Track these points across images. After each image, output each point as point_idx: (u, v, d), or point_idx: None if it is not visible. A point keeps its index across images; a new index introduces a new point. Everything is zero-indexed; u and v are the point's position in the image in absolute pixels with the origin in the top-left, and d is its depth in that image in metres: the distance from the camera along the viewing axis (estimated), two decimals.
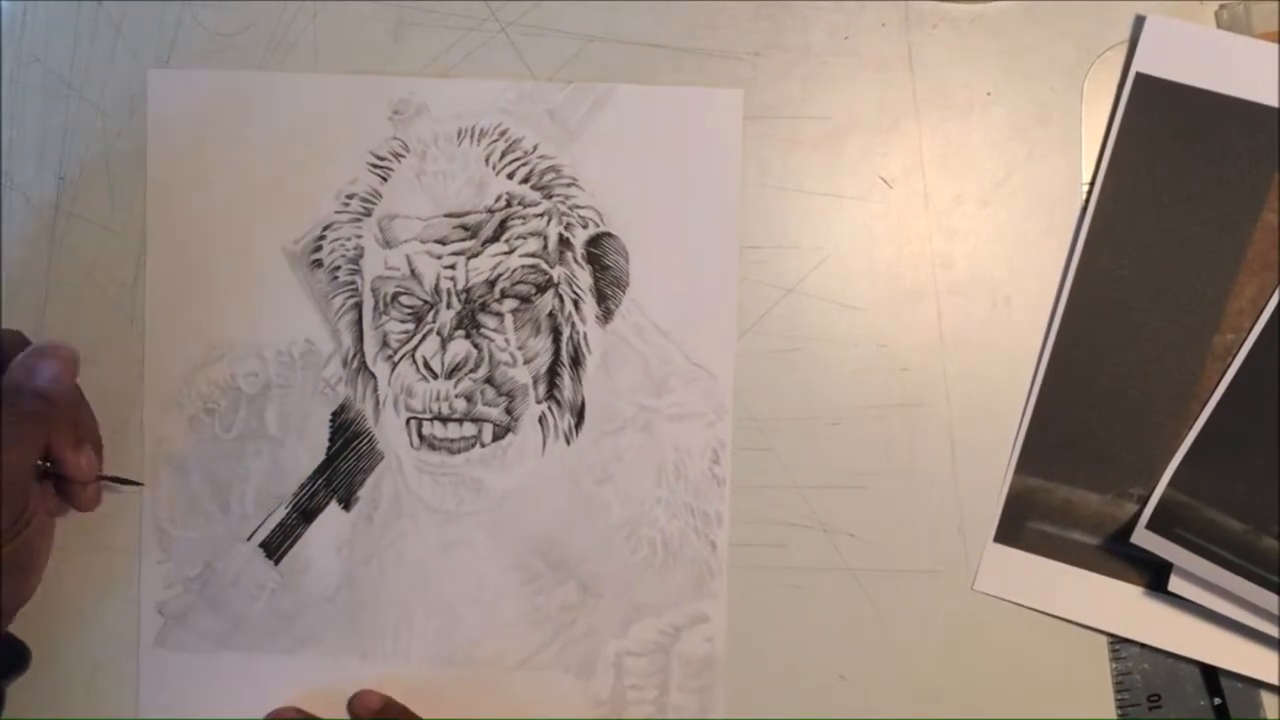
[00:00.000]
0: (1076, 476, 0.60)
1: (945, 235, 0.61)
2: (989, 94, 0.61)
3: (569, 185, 0.61)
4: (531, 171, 0.61)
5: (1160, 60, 0.59)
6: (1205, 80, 0.58)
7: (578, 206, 0.61)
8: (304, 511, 0.61)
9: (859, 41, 0.61)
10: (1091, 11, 0.60)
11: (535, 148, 0.61)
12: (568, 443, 0.61)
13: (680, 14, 0.61)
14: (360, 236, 0.61)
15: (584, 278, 0.61)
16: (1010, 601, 0.60)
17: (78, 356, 0.57)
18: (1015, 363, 0.60)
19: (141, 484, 0.61)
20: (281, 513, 0.61)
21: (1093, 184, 0.59)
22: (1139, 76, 0.59)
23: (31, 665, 0.59)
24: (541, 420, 0.61)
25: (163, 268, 0.62)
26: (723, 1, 0.61)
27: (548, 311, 0.61)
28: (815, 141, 0.61)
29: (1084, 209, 0.60)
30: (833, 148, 0.61)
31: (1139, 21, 0.60)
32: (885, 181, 0.61)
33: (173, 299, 0.62)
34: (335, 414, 0.61)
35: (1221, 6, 0.60)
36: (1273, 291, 0.58)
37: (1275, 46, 0.58)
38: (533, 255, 0.61)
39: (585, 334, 0.61)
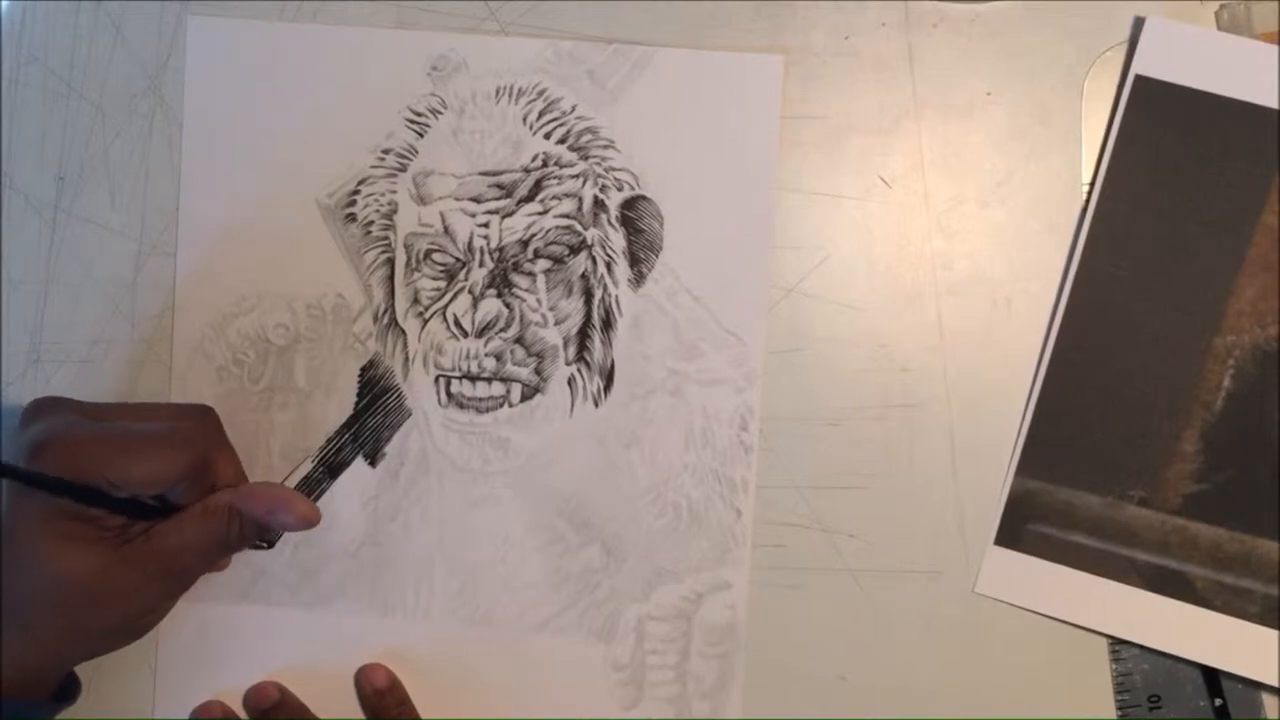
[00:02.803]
0: (1077, 479, 0.59)
1: (945, 235, 0.61)
2: (989, 94, 0.61)
3: (606, 147, 0.61)
4: (569, 132, 0.61)
5: (1159, 62, 0.59)
6: (1205, 82, 0.58)
7: (614, 169, 0.61)
8: (330, 466, 0.61)
9: (859, 41, 0.61)
10: (1091, 11, 0.60)
11: (574, 108, 0.61)
12: (596, 405, 0.61)
13: (680, 14, 0.61)
14: (395, 192, 0.61)
15: (618, 240, 0.61)
16: (1011, 605, 0.60)
17: (317, 519, 0.57)
18: (1015, 363, 0.60)
19: (270, 547, 0.61)
20: (307, 466, 0.61)
21: (1093, 184, 0.59)
22: (1138, 79, 0.59)
23: None
24: (570, 382, 0.61)
25: (196, 217, 0.62)
26: (723, 1, 0.61)
27: (580, 273, 0.61)
28: (815, 141, 0.61)
29: (1084, 209, 0.60)
30: (833, 148, 0.61)
31: (1138, 23, 0.60)
32: (885, 181, 0.61)
33: (205, 249, 0.62)
34: (364, 369, 0.61)
35: (1222, 7, 0.60)
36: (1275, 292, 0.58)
37: (1275, 48, 0.58)
38: (567, 216, 0.61)
39: (617, 297, 0.61)
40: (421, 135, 0.61)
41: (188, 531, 0.55)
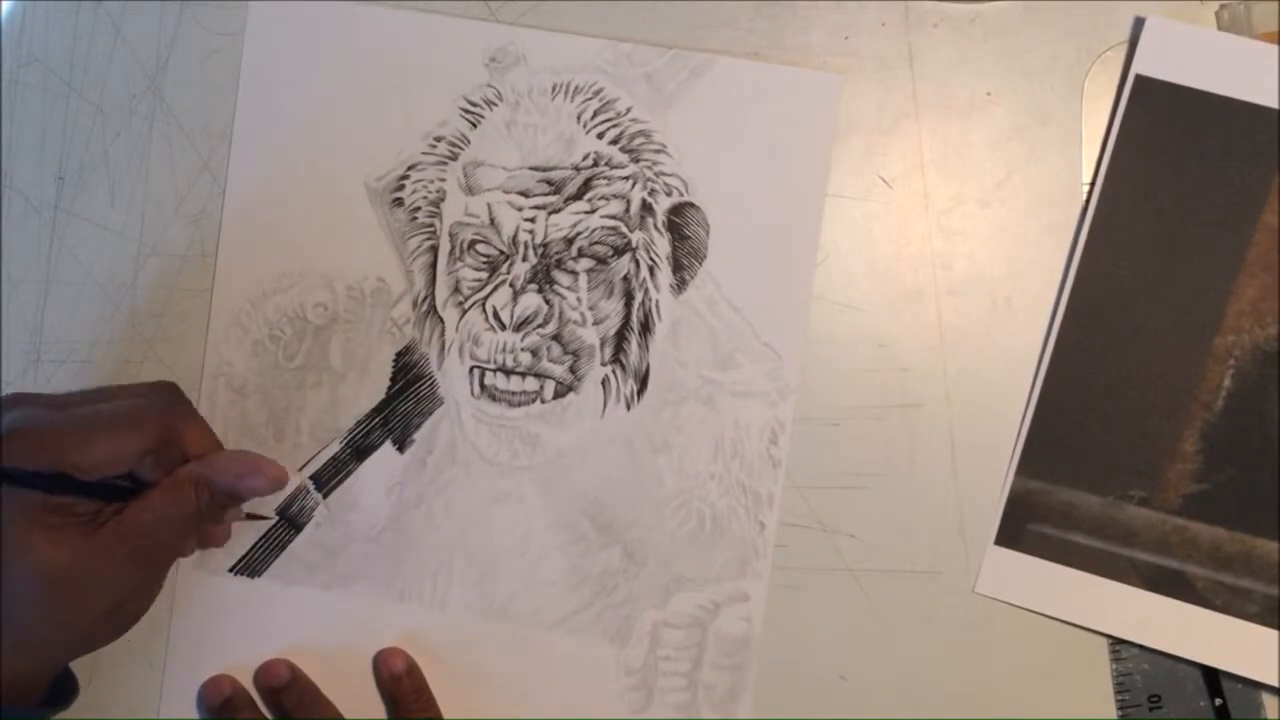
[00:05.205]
0: (1077, 479, 0.59)
1: (945, 235, 0.61)
2: (989, 94, 0.61)
3: (657, 151, 0.61)
4: (622, 134, 0.61)
5: (1160, 62, 0.59)
6: (1205, 82, 0.58)
7: (664, 173, 0.61)
8: (358, 448, 0.61)
9: (859, 41, 0.61)
10: (1091, 11, 0.60)
11: (628, 110, 0.61)
12: (628, 408, 0.61)
13: (680, 14, 0.61)
14: (444, 180, 0.61)
15: (662, 245, 0.61)
16: (1011, 604, 0.60)
17: (286, 480, 0.58)
18: (1015, 363, 0.60)
19: (273, 518, 0.61)
20: (335, 447, 0.61)
21: (1093, 185, 0.59)
22: (1138, 78, 0.59)
23: None
24: (604, 383, 0.61)
25: (243, 191, 0.62)
26: (723, 1, 0.61)
27: (622, 275, 0.61)
28: None
29: (1084, 209, 0.60)
30: (833, 148, 0.61)
31: (1138, 23, 0.60)
32: (885, 181, 0.61)
33: (249, 223, 0.62)
34: (399, 354, 0.62)
35: (1222, 7, 0.60)
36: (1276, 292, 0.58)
37: (1275, 48, 0.58)
38: (614, 217, 0.61)
39: (657, 301, 0.61)
40: (475, 125, 0.61)
41: (156, 507, 0.54)
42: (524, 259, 0.61)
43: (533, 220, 0.61)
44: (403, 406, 0.61)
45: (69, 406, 0.55)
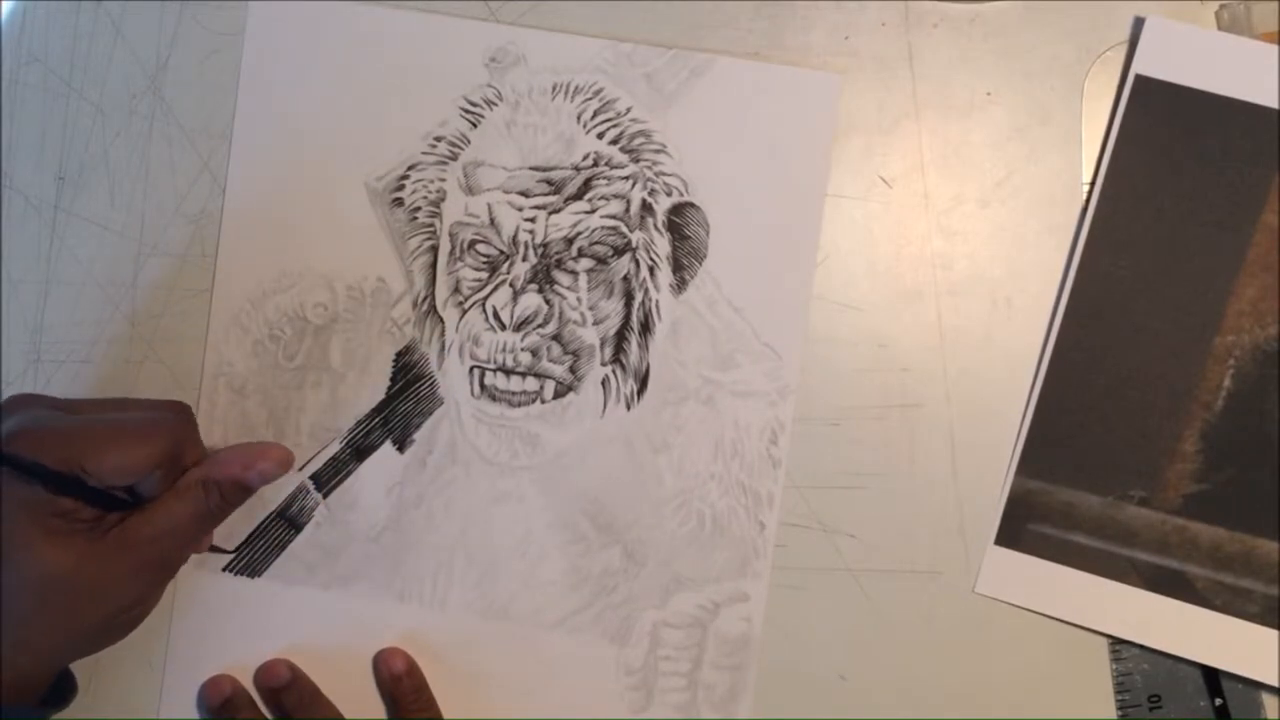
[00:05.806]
0: (1077, 478, 0.59)
1: (945, 235, 0.61)
2: (989, 94, 0.61)
3: (657, 151, 0.61)
4: (622, 134, 0.61)
5: (1159, 62, 0.59)
6: (1205, 82, 0.58)
7: (664, 173, 0.61)
8: (358, 448, 0.62)
9: (859, 41, 0.61)
10: (1091, 11, 0.60)
11: (628, 110, 0.61)
12: (628, 408, 0.61)
13: (680, 14, 0.61)
14: (444, 180, 0.61)
15: (662, 245, 0.61)
16: (1011, 604, 0.60)
17: (292, 460, 0.58)
18: (1015, 363, 0.60)
19: (232, 553, 0.61)
20: (335, 447, 0.62)
21: (1093, 184, 0.59)
22: (1138, 78, 0.59)
23: None
24: (604, 383, 0.61)
25: (243, 191, 0.62)
26: (723, 1, 0.61)
27: (622, 275, 0.61)
28: None
29: (1084, 209, 0.60)
30: (833, 148, 0.61)
31: (1138, 23, 0.60)
32: (885, 181, 0.61)
33: (249, 223, 0.62)
34: (399, 354, 0.62)
35: (1222, 7, 0.60)
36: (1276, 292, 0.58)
37: (1275, 48, 0.58)
38: (614, 217, 0.61)
39: (658, 301, 0.61)
40: (475, 125, 0.61)
41: (163, 518, 0.54)
42: (524, 259, 0.61)
43: (533, 220, 0.61)
44: (403, 406, 0.61)
45: (78, 411, 0.55)
